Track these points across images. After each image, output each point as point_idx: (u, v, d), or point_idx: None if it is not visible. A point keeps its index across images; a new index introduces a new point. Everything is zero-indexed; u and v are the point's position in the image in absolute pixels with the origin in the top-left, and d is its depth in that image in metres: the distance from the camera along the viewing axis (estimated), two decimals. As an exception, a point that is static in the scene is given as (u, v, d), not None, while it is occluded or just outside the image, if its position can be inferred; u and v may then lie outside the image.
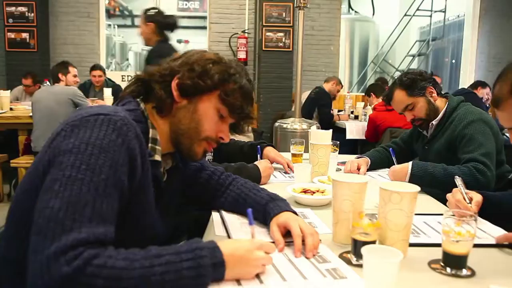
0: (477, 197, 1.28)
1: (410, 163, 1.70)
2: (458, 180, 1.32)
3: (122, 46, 11.69)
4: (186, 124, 1.04)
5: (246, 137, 4.18)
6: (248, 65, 6.30)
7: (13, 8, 5.83)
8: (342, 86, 5.51)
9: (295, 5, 3.54)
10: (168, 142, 1.08)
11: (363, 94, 6.88)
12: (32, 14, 5.84)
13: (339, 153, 2.45)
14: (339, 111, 5.62)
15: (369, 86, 5.34)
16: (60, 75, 4.11)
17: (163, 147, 1.07)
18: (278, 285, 0.87)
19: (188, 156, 1.09)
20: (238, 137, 4.12)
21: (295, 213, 1.16)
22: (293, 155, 2.04)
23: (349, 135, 4.63)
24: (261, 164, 1.74)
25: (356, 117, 5.28)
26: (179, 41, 11.81)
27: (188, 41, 11.56)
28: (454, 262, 0.96)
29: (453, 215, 0.97)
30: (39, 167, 0.85)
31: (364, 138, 4.67)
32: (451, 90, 7.52)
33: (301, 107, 5.12)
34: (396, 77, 2.14)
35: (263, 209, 1.19)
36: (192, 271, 0.78)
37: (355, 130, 4.66)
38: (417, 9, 7.48)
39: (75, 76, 4.23)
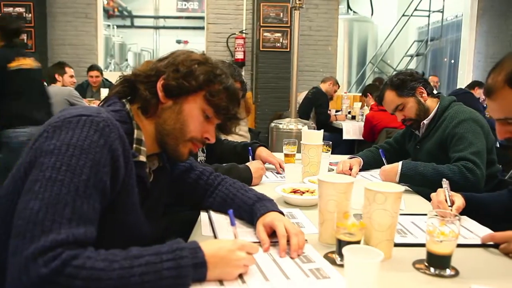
0: (459, 202, 1.29)
1: (400, 162, 1.70)
2: (445, 183, 1.33)
3: (121, 47, 11.69)
4: (172, 125, 1.04)
5: (243, 138, 4.17)
6: (246, 66, 6.31)
7: (10, 9, 5.83)
8: (339, 86, 5.52)
9: (291, 6, 3.53)
10: (154, 143, 1.08)
11: (361, 94, 6.90)
12: (30, 15, 5.84)
13: (335, 153, 2.46)
14: (336, 111, 5.63)
15: (366, 86, 5.35)
16: (56, 76, 4.12)
17: (149, 148, 1.07)
18: (260, 285, 0.87)
19: (173, 156, 1.09)
20: (235, 138, 4.13)
21: (281, 213, 1.16)
22: (286, 155, 2.05)
23: (345, 135, 4.63)
24: (252, 165, 1.74)
25: (353, 117, 5.29)
26: (179, 42, 11.84)
27: (187, 41, 11.57)
28: (437, 262, 0.96)
29: (437, 215, 0.97)
30: (21, 169, 0.85)
31: (361, 138, 4.67)
32: (449, 90, 7.54)
33: (298, 107, 5.13)
34: (387, 78, 2.15)
35: (250, 209, 1.19)
36: (172, 271, 0.78)
37: (351, 130, 4.66)
38: (415, 9, 7.48)
39: (71, 76, 4.24)
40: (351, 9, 8.68)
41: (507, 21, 6.37)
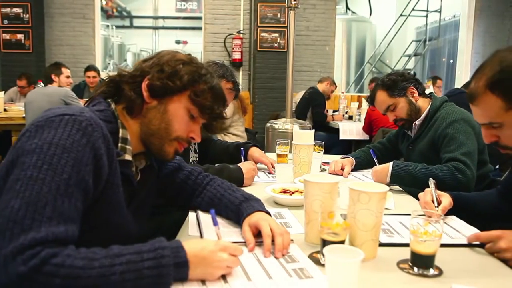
0: (445, 202, 1.29)
1: (391, 163, 1.70)
2: (431, 183, 1.33)
3: (120, 47, 11.71)
4: (157, 125, 1.05)
5: (240, 138, 4.18)
6: (243, 66, 6.31)
7: (8, 9, 5.84)
8: (336, 86, 5.52)
9: (286, 6, 3.53)
10: (139, 142, 1.08)
11: (359, 94, 6.90)
12: (27, 15, 5.85)
13: (332, 153, 2.46)
14: (334, 111, 5.63)
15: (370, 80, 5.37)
16: (53, 76, 4.12)
17: (135, 147, 1.08)
18: (243, 285, 0.87)
19: (159, 156, 1.10)
20: (232, 138, 4.14)
21: (268, 213, 1.16)
22: (278, 155, 2.05)
23: (342, 135, 4.64)
24: (244, 165, 1.73)
25: (351, 117, 5.29)
26: (178, 42, 11.85)
27: (186, 41, 11.57)
28: (421, 262, 0.97)
29: (421, 215, 0.97)
30: (3, 168, 0.86)
31: (358, 138, 4.68)
32: (447, 90, 7.53)
33: (295, 107, 5.14)
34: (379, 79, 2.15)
35: (237, 209, 1.20)
36: (153, 270, 0.79)
37: (348, 130, 4.67)
38: (413, 9, 7.49)
39: (68, 77, 4.24)
40: (349, 9, 8.69)
41: (504, 21, 6.37)
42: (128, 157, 1.03)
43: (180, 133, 1.07)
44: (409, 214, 1.25)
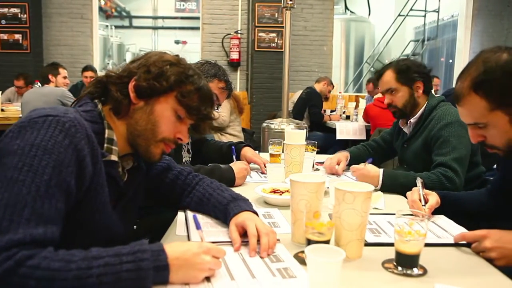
0: (432, 201, 1.29)
1: (381, 171, 1.67)
2: (418, 182, 1.33)
3: (119, 47, 11.70)
4: (143, 126, 1.05)
5: (237, 137, 4.18)
6: (241, 66, 6.32)
7: (5, 10, 5.84)
8: (333, 86, 5.52)
9: (282, 6, 3.53)
10: (126, 143, 1.08)
11: (356, 94, 6.90)
12: (25, 16, 5.85)
13: (329, 153, 2.45)
14: (331, 111, 5.63)
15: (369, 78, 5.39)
16: (50, 76, 4.13)
17: (122, 148, 1.08)
18: (225, 284, 0.87)
19: (145, 157, 1.10)
20: (228, 138, 4.14)
21: (255, 212, 1.17)
22: (271, 155, 2.05)
23: (339, 135, 4.64)
24: (236, 165, 1.74)
25: (348, 117, 5.29)
26: (177, 42, 11.84)
27: (185, 42, 11.57)
28: (405, 262, 0.97)
29: (407, 215, 0.98)
30: None
31: (354, 138, 4.68)
32: (445, 90, 7.53)
33: (293, 107, 5.14)
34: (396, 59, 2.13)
35: (225, 209, 1.20)
36: (131, 273, 0.78)
37: (345, 130, 4.67)
38: (411, 9, 7.49)
39: (65, 77, 4.24)
40: (348, 9, 8.69)
41: (502, 21, 6.37)
42: (114, 157, 1.04)
43: (167, 134, 1.07)
44: (407, 215, 1.26)
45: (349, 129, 4.68)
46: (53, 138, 0.85)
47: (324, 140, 4.89)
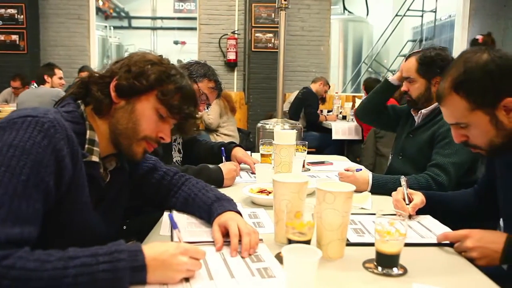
0: (417, 200, 1.29)
1: (370, 176, 1.65)
2: (402, 180, 1.33)
3: (118, 48, 11.70)
4: (124, 124, 1.05)
5: (232, 137, 4.19)
6: (238, 66, 6.32)
7: (2, 10, 5.85)
8: (329, 86, 5.52)
9: (277, 6, 3.53)
10: (109, 143, 1.09)
11: (354, 94, 6.91)
12: (22, 16, 5.86)
13: (325, 154, 2.45)
14: (328, 111, 5.63)
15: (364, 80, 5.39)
16: (45, 77, 4.13)
17: (105, 149, 1.08)
18: (204, 284, 0.88)
19: (128, 156, 1.10)
20: (224, 138, 4.14)
21: (239, 213, 1.17)
22: (262, 155, 2.05)
23: (335, 136, 4.64)
24: (225, 166, 1.74)
25: (344, 117, 5.30)
26: (176, 43, 11.85)
27: (184, 42, 11.58)
28: (385, 261, 0.97)
29: (385, 215, 0.98)
30: None
31: (350, 138, 4.69)
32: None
33: (289, 107, 5.14)
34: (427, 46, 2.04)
35: (209, 209, 1.20)
36: (107, 274, 0.79)
37: (341, 130, 4.67)
38: (408, 9, 7.49)
39: (60, 78, 4.25)
40: (346, 10, 8.69)
41: (498, 21, 6.37)
42: (95, 158, 1.04)
43: (148, 132, 1.07)
44: (393, 215, 1.26)
45: (344, 129, 4.68)
46: (32, 139, 0.86)
47: (320, 140, 4.90)
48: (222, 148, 1.99)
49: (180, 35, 11.74)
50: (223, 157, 1.94)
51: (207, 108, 1.98)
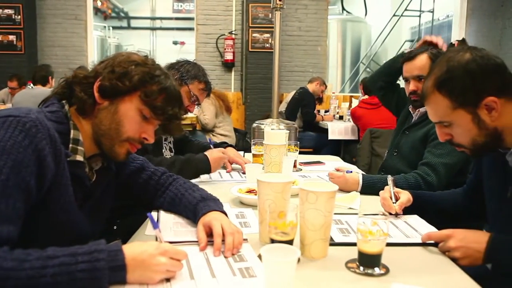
0: (403, 198, 1.30)
1: (361, 179, 1.64)
2: (389, 180, 1.33)
3: (117, 48, 11.69)
4: (107, 125, 1.05)
5: (228, 137, 4.19)
6: (235, 66, 6.33)
7: (-1, 11, 5.85)
8: (326, 86, 5.53)
9: (272, 6, 3.52)
10: (93, 143, 1.09)
11: (351, 94, 6.90)
12: (19, 17, 5.85)
13: (322, 154, 2.44)
14: (325, 111, 5.64)
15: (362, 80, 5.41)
16: (49, 78, 4.13)
17: (90, 148, 1.09)
18: (184, 284, 0.88)
19: (110, 156, 1.10)
20: (220, 138, 4.14)
21: (224, 212, 1.17)
22: (254, 155, 2.05)
23: (331, 136, 4.64)
24: (211, 152, 1.78)
25: (341, 117, 5.30)
26: (175, 43, 11.85)
27: (184, 42, 11.58)
28: (367, 261, 0.97)
29: (367, 215, 0.98)
30: None
31: (346, 138, 4.69)
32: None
33: (286, 107, 5.14)
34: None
35: (194, 209, 1.20)
36: (86, 273, 0.79)
37: (337, 130, 4.67)
38: (406, 9, 7.49)
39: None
40: (345, 10, 8.69)
41: (496, 20, 6.38)
42: (79, 157, 1.04)
43: (131, 133, 1.07)
44: (372, 214, 1.26)
45: (341, 129, 4.69)
46: (13, 138, 0.86)
47: (317, 140, 4.90)
48: (209, 139, 2.01)
49: (179, 35, 11.74)
50: (211, 146, 1.98)
51: (197, 107, 2.00)
